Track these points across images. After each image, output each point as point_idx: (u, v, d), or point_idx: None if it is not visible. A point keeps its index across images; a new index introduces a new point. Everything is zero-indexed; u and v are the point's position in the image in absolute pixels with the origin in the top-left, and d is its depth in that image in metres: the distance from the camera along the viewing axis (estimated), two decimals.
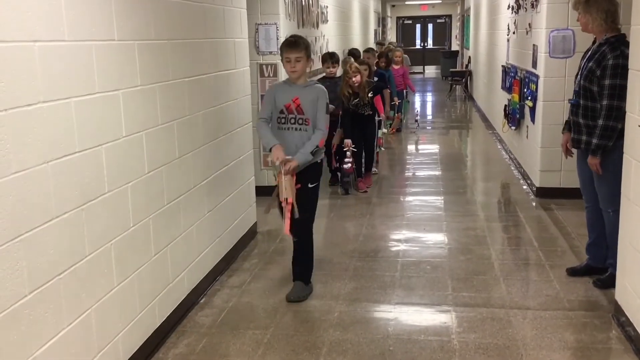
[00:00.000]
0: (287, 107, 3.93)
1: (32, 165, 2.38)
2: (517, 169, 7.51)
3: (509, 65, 8.39)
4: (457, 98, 16.50)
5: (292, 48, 3.86)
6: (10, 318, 2.26)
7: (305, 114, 3.91)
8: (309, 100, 3.91)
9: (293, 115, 3.93)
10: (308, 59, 3.94)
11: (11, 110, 2.25)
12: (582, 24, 4.02)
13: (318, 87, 4.00)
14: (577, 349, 3.37)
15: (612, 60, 3.76)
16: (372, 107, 6.80)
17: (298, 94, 3.92)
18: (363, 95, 6.59)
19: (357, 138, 6.68)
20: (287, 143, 3.89)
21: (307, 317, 3.79)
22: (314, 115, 3.92)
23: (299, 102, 3.91)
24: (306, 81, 4.01)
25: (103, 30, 2.88)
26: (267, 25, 6.28)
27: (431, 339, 3.49)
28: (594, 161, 3.89)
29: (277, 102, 3.95)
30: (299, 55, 3.85)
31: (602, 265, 4.16)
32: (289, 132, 3.95)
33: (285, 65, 3.92)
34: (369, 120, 6.87)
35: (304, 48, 3.89)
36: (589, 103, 3.92)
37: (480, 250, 4.88)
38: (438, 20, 27.65)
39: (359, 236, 5.32)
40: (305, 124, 3.92)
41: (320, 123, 3.93)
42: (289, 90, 3.96)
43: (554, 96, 5.99)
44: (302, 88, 3.96)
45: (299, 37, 3.99)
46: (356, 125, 6.67)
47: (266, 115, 3.98)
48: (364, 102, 6.64)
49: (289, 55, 3.87)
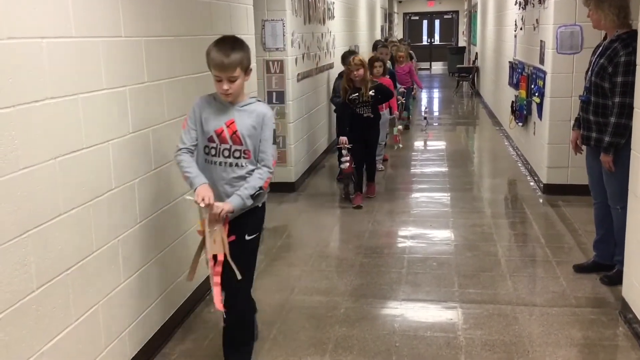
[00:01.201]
0: (219, 134, 2.90)
1: (40, 161, 2.39)
2: (524, 166, 7.49)
3: (516, 61, 8.35)
4: (464, 94, 16.45)
5: (223, 65, 2.78)
6: (18, 313, 2.28)
7: (244, 144, 2.90)
8: (250, 126, 2.90)
9: (227, 146, 2.90)
10: (247, 73, 2.89)
11: (19, 106, 2.26)
12: (593, 21, 3.97)
13: (263, 107, 2.97)
14: (584, 345, 3.36)
15: (625, 57, 3.72)
16: (374, 110, 6.10)
17: (234, 116, 2.91)
18: (364, 91, 5.95)
19: (357, 144, 6.02)
20: (215, 182, 2.92)
21: (313, 313, 3.79)
22: (256, 147, 2.92)
23: (235, 128, 2.89)
24: (244, 98, 2.97)
25: (110, 26, 2.89)
26: (274, 21, 6.28)
27: (437, 335, 3.49)
28: (606, 159, 3.86)
29: (205, 126, 2.92)
30: (233, 74, 2.80)
31: (610, 262, 4.15)
32: (220, 169, 2.93)
33: (215, 84, 2.87)
34: (370, 125, 6.17)
35: (239, 62, 2.80)
36: (599, 100, 3.89)
37: (487, 246, 4.87)
38: (445, 16, 27.55)
39: (365, 232, 5.32)
40: (243, 157, 2.91)
41: (266, 157, 2.93)
42: (222, 111, 2.92)
43: (562, 92, 5.96)
44: (241, 109, 2.92)
45: (232, 46, 2.82)
46: (356, 130, 6.05)
47: (189, 143, 2.93)
48: (363, 99, 5.98)
49: (220, 75, 2.81)
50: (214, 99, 2.97)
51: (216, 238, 2.85)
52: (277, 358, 3.29)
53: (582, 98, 4.09)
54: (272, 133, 2.95)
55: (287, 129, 6.53)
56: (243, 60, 2.83)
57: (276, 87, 6.44)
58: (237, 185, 2.91)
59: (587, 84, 4.02)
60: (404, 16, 27.70)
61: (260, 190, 2.93)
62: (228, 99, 2.89)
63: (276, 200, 6.21)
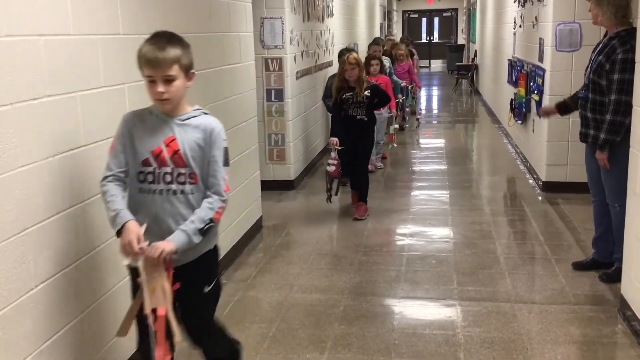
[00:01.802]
0: (157, 156, 2.36)
1: (38, 159, 2.38)
2: (523, 163, 7.49)
3: (515, 59, 8.35)
4: (463, 92, 16.45)
5: (157, 61, 2.28)
6: (17, 311, 2.27)
7: (188, 166, 2.36)
8: (195, 144, 2.37)
9: (167, 170, 2.36)
10: (188, 76, 2.38)
11: (17, 104, 2.25)
12: (592, 16, 3.99)
13: (210, 121, 2.43)
14: (583, 343, 3.36)
15: (622, 54, 3.73)
16: (369, 113, 5.60)
17: (175, 132, 2.37)
18: (359, 90, 5.46)
19: (347, 150, 5.57)
20: (155, 217, 2.37)
21: (312, 311, 3.79)
22: (204, 169, 2.40)
23: (176, 147, 2.35)
24: (186, 110, 2.43)
25: (108, 24, 2.88)
26: (273, 19, 6.27)
27: (436, 332, 3.49)
28: (601, 156, 3.87)
29: (137, 147, 2.37)
30: (169, 73, 2.29)
31: (608, 260, 4.15)
32: (160, 198, 2.37)
33: (148, 88, 2.34)
34: (363, 129, 5.61)
35: (176, 59, 2.30)
36: (597, 97, 3.90)
37: (486, 244, 4.87)
38: (444, 14, 27.55)
39: (364, 230, 5.32)
40: (189, 183, 2.37)
41: (216, 182, 2.40)
42: (159, 127, 2.38)
43: (561, 90, 5.95)
44: (183, 123, 2.39)
45: (169, 39, 2.34)
46: (348, 134, 5.57)
47: (117, 169, 2.38)
48: (357, 100, 5.49)
49: (152, 73, 2.30)
50: (149, 112, 2.42)
51: (155, 287, 2.26)
52: (277, 356, 3.29)
53: (580, 95, 4.10)
54: (222, 153, 2.42)
55: (286, 126, 6.53)
56: (182, 57, 2.33)
57: (275, 84, 6.44)
58: (180, 219, 2.35)
59: (585, 81, 4.02)
60: (403, 14, 27.69)
61: (210, 224, 2.36)
62: (165, 107, 2.35)
63: (275, 198, 6.22)
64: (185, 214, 2.37)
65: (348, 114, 5.55)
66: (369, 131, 5.76)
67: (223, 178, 2.43)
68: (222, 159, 2.42)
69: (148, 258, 2.24)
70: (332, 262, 4.63)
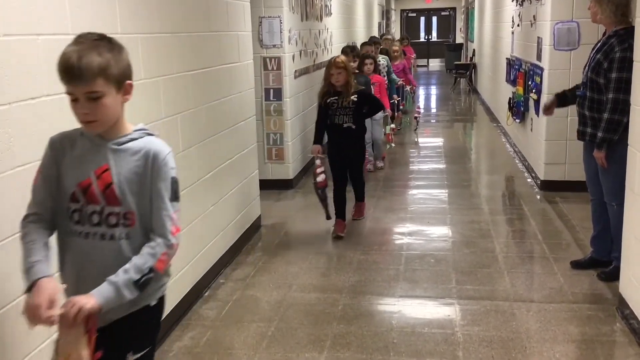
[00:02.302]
0: (85, 190, 1.89)
1: (36, 158, 2.36)
2: (522, 162, 7.49)
3: (513, 57, 8.36)
4: (462, 91, 16.46)
5: (73, 72, 1.76)
6: (17, 310, 2.27)
7: (123, 203, 1.89)
8: (132, 173, 1.89)
9: (96, 208, 1.89)
10: (123, 89, 1.90)
11: (15, 103, 2.25)
12: (591, 14, 3.98)
13: (154, 144, 1.93)
14: (581, 341, 3.37)
15: (620, 53, 3.73)
16: (357, 120, 5.07)
17: (109, 160, 1.90)
18: (346, 94, 4.97)
19: (337, 161, 5.18)
20: (81, 267, 1.93)
21: (311, 310, 3.79)
22: (145, 206, 1.91)
23: (109, 179, 1.88)
24: (126, 131, 1.95)
25: (106, 23, 2.87)
26: (271, 18, 6.27)
27: (435, 331, 3.49)
28: (599, 155, 3.87)
29: (64, 180, 1.91)
30: (92, 89, 1.78)
31: (607, 258, 4.15)
32: (86, 244, 1.91)
33: (72, 107, 1.83)
34: (351, 139, 5.12)
35: (101, 70, 1.78)
36: (595, 95, 3.90)
37: (485, 243, 4.87)
38: (442, 12, 27.54)
39: (363, 229, 5.32)
40: (123, 225, 1.90)
41: (160, 222, 1.90)
42: (90, 153, 1.91)
43: (559, 89, 5.87)
44: (118, 148, 1.91)
45: (93, 45, 1.80)
46: (334, 144, 5.18)
47: (37, 208, 1.95)
48: (343, 106, 5.00)
49: (72, 89, 1.80)
50: (80, 134, 1.92)
51: (70, 354, 1.77)
52: (275, 355, 3.29)
53: (579, 93, 4.10)
54: (170, 184, 1.90)
55: (284, 126, 6.52)
56: (110, 66, 1.79)
57: (273, 84, 6.43)
58: (113, 268, 1.85)
59: (583, 79, 4.03)
60: (401, 13, 27.67)
61: (149, 275, 1.85)
62: (92, 131, 1.86)
63: (274, 197, 6.21)
64: (114, 265, 1.84)
65: (334, 121, 5.05)
66: (358, 140, 5.23)
67: (169, 217, 1.90)
68: (170, 193, 1.90)
69: (63, 316, 1.75)
70: (331, 261, 4.63)
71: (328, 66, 5.05)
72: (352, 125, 5.04)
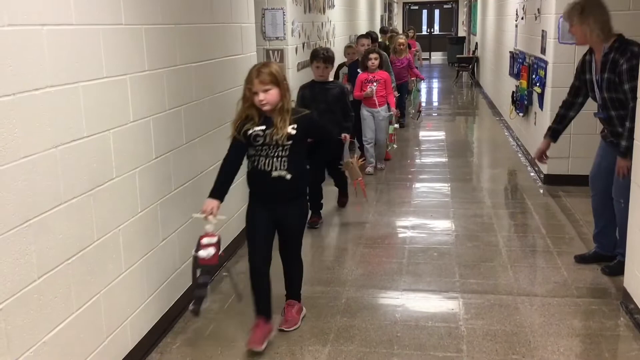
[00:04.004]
0: None
1: (40, 149, 2.37)
2: (525, 156, 7.48)
3: (517, 51, 8.32)
4: (464, 84, 16.42)
5: None
6: (19, 302, 2.27)
7: None
8: None
9: None
10: None
11: (19, 94, 2.24)
12: (578, 37, 3.90)
13: None
14: (585, 335, 3.36)
15: (626, 64, 3.67)
16: (296, 166, 3.16)
17: None
18: (278, 125, 3.09)
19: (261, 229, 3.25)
20: None
21: (314, 303, 3.79)
22: None
23: None
24: None
25: (111, 14, 2.86)
26: (274, 10, 6.24)
27: (439, 325, 3.49)
28: (623, 163, 3.73)
29: None
30: None
31: (611, 253, 4.14)
32: None
33: None
34: (285, 196, 3.20)
35: None
36: (620, 112, 3.79)
37: (488, 237, 4.86)
38: (445, 5, 27.44)
39: (366, 223, 5.32)
40: None
41: None
42: None
43: (563, 82, 5.91)
44: None
45: None
46: (259, 200, 3.27)
47: None
48: (273, 140, 3.10)
49: None
50: None
51: None
52: (279, 348, 3.29)
53: (599, 115, 3.99)
54: None
55: None
56: None
57: None
58: None
59: (599, 102, 3.94)
60: (404, 6, 27.59)
61: None
62: None
63: None
64: None
65: (257, 167, 3.15)
66: (297, 197, 3.28)
67: None
68: None
69: None
70: (334, 255, 4.62)
71: (247, 80, 3.12)
72: (287, 175, 3.13)
